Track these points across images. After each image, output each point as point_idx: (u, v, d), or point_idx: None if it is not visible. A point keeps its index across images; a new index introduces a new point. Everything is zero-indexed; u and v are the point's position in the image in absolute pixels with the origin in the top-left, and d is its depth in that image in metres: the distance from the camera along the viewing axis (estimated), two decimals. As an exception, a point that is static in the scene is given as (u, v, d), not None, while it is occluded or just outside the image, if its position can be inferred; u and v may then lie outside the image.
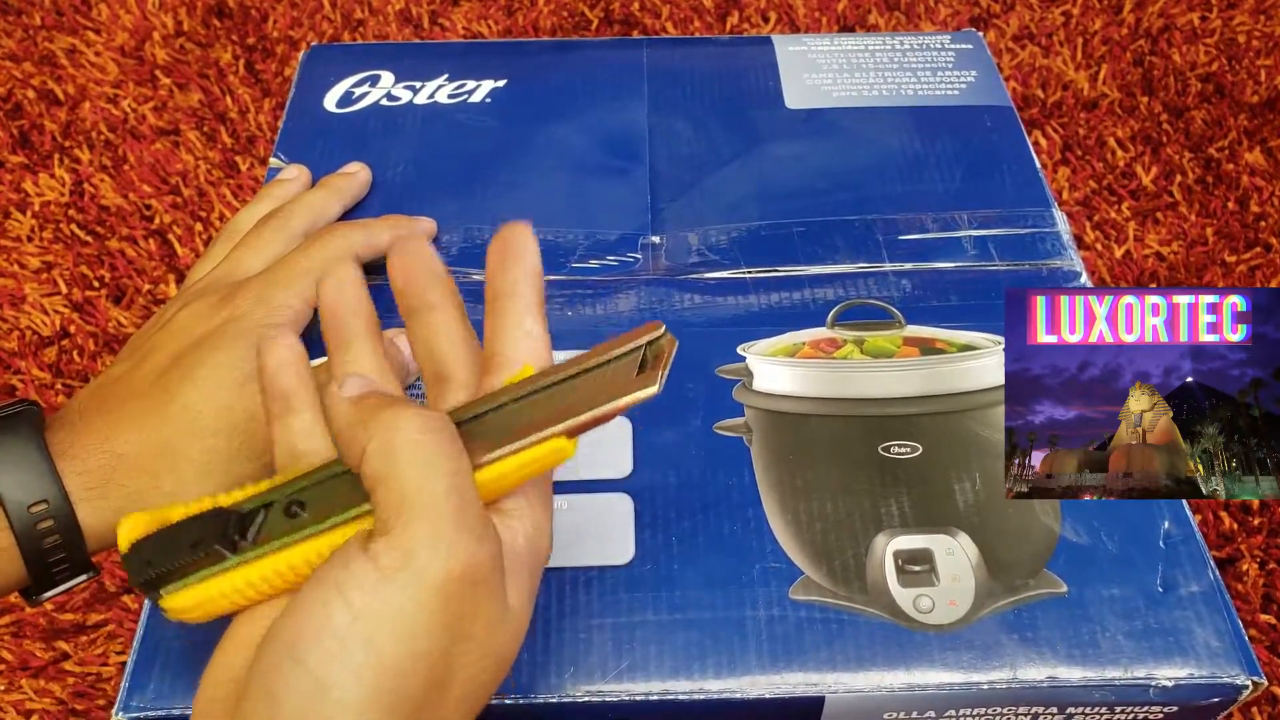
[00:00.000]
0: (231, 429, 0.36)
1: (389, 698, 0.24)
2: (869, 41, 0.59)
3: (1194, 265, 0.71)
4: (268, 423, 0.33)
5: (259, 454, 0.37)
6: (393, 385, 0.32)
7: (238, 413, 0.37)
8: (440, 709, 0.26)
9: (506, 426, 0.28)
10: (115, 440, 0.36)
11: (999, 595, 0.36)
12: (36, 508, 0.34)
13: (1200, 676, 0.34)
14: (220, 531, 0.29)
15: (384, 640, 0.24)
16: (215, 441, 0.36)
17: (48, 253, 0.74)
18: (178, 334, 0.39)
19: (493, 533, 0.27)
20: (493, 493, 0.29)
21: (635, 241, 0.48)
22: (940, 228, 0.48)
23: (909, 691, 0.34)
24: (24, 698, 0.56)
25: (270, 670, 0.25)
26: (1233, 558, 0.59)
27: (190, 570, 0.29)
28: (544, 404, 0.28)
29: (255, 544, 0.29)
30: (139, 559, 0.29)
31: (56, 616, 0.58)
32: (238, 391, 0.37)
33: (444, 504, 0.25)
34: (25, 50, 0.87)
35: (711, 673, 0.35)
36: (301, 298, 0.40)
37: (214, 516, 0.29)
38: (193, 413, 0.36)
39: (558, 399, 0.28)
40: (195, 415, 0.36)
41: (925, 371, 0.42)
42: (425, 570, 0.25)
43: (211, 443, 0.36)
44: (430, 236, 0.48)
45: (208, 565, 0.29)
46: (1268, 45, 0.85)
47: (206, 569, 0.29)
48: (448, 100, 0.55)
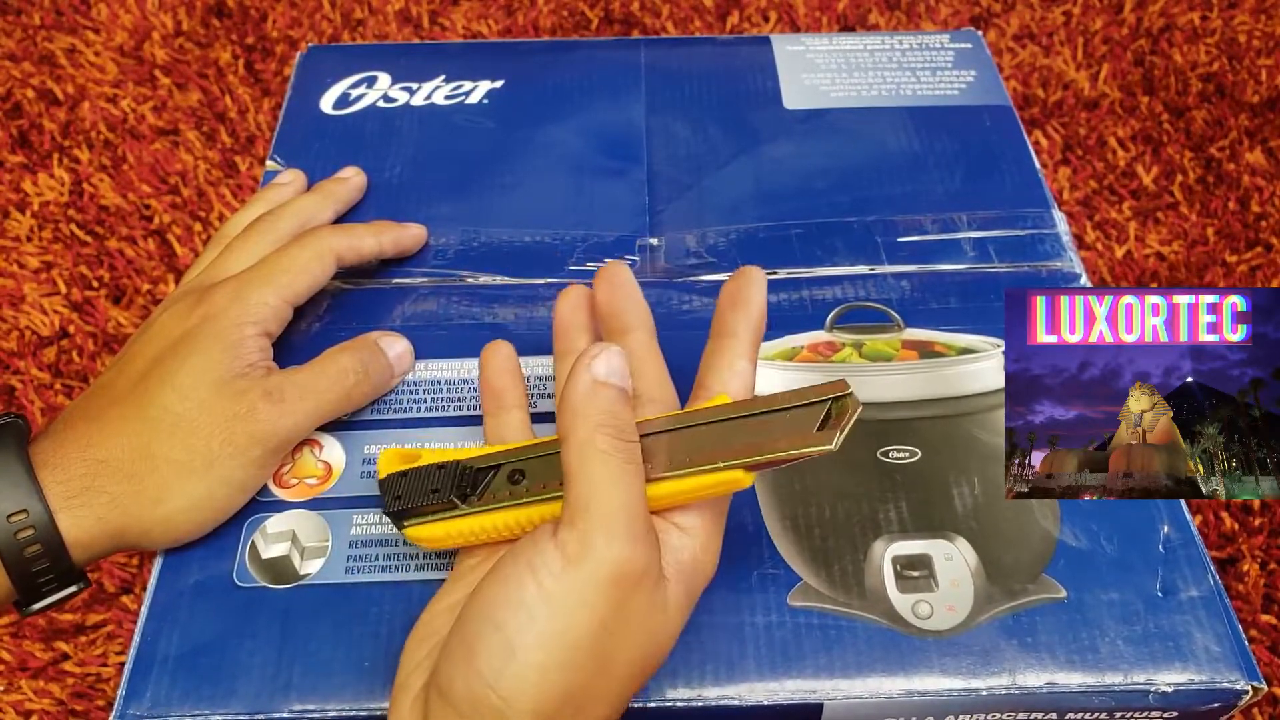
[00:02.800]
0: (211, 428, 0.36)
1: (565, 665, 0.29)
2: (868, 41, 0.59)
3: (1195, 265, 0.71)
4: (483, 416, 0.39)
5: (243, 450, 0.37)
6: (651, 379, 0.36)
7: (217, 411, 0.36)
8: (603, 683, 0.30)
9: (689, 447, 0.31)
10: (97, 447, 0.36)
11: (998, 600, 0.36)
12: (16, 517, 0.34)
13: (1200, 682, 0.34)
14: (455, 484, 0.34)
15: (563, 616, 0.29)
16: (196, 441, 0.36)
17: (47, 253, 0.73)
18: (156, 337, 0.39)
19: (654, 542, 0.31)
20: (667, 504, 0.32)
21: (633, 243, 0.48)
22: (940, 229, 0.48)
23: (908, 698, 0.34)
24: (23, 698, 0.56)
25: (469, 629, 0.30)
26: (1233, 558, 0.58)
27: (428, 512, 0.34)
28: (726, 434, 0.31)
29: (481, 500, 0.34)
30: (390, 493, 0.35)
31: (56, 617, 0.58)
32: (216, 390, 0.37)
33: (619, 513, 0.29)
34: (24, 50, 0.87)
35: (710, 679, 0.35)
36: (279, 296, 0.40)
37: (453, 469, 0.34)
38: (172, 415, 0.36)
39: (741, 433, 0.31)
40: (175, 417, 0.36)
41: (924, 375, 0.42)
42: (599, 564, 0.29)
43: (192, 443, 0.36)
44: (420, 243, 0.48)
45: (442, 511, 0.34)
46: (1268, 45, 0.85)
47: (442, 513, 0.34)
48: (445, 101, 0.55)
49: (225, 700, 0.34)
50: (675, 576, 0.31)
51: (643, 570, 0.30)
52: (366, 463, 0.40)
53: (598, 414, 0.30)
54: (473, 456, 0.35)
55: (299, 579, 0.37)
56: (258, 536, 0.38)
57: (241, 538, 0.38)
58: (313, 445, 0.40)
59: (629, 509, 0.30)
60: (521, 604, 0.29)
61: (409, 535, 0.35)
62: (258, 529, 0.38)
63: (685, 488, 0.31)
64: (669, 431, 0.32)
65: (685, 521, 0.32)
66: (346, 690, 0.34)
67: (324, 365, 0.40)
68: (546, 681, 0.28)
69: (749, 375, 0.34)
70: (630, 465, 0.30)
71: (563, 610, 0.29)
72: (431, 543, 0.35)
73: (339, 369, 0.40)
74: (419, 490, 0.35)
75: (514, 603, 0.29)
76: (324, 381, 0.39)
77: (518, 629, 0.29)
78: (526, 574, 0.29)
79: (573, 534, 0.29)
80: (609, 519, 0.29)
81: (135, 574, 0.59)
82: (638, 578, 0.30)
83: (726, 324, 0.35)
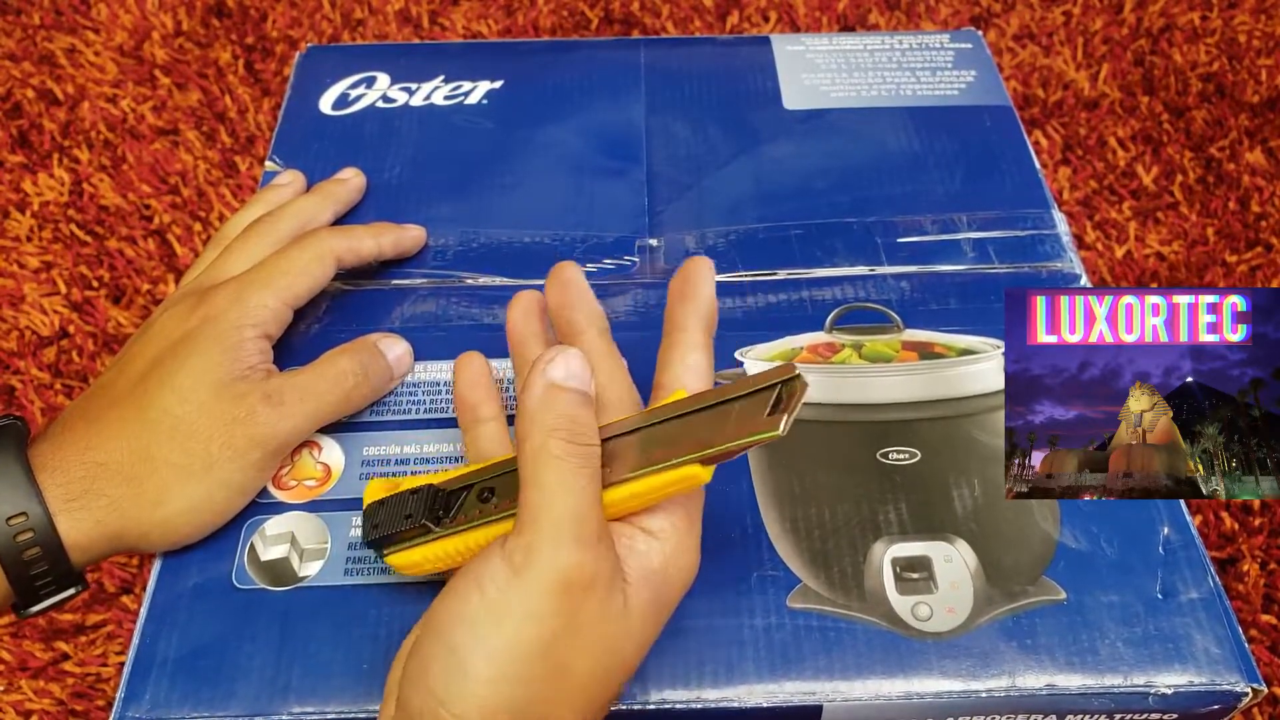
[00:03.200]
0: (211, 431, 0.36)
1: (516, 678, 0.28)
2: (867, 41, 0.59)
3: (1194, 265, 0.71)
4: (461, 430, 0.39)
5: (242, 453, 0.37)
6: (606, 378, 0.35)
7: (216, 414, 0.36)
8: (562, 694, 0.29)
9: (646, 447, 0.31)
10: (96, 450, 0.36)
11: (997, 602, 0.36)
12: (15, 520, 0.34)
13: (1200, 684, 0.34)
14: (428, 507, 0.34)
15: (510, 628, 0.28)
16: (195, 444, 0.36)
17: (47, 253, 0.73)
18: (156, 339, 0.39)
19: (608, 548, 0.30)
20: (629, 507, 0.32)
21: (632, 244, 0.48)
22: (939, 230, 0.48)
23: (907, 700, 0.34)
24: (23, 698, 0.56)
25: (424, 646, 0.29)
26: (1233, 558, 0.58)
27: (405, 538, 0.34)
28: (682, 430, 0.31)
29: (454, 521, 0.34)
30: (370, 522, 0.35)
31: (56, 617, 0.58)
32: (215, 393, 0.37)
33: (567, 519, 0.29)
34: (24, 50, 0.87)
35: (709, 681, 0.34)
36: (279, 298, 0.40)
37: (427, 494, 0.34)
38: (171, 417, 0.36)
39: (695, 427, 0.31)
40: (174, 420, 0.36)
41: (924, 376, 0.42)
42: (545, 572, 0.29)
43: (191, 446, 0.36)
44: (419, 244, 0.48)
45: (417, 536, 0.34)
46: (1268, 45, 0.85)
47: (418, 538, 0.34)
48: (444, 102, 0.55)
49: (224, 702, 0.34)
50: (640, 582, 0.31)
51: (592, 576, 0.29)
52: (366, 465, 0.40)
53: (553, 419, 0.30)
54: (447, 479, 0.35)
55: (298, 581, 0.37)
56: (257, 539, 0.38)
57: (240, 540, 0.38)
58: (312, 447, 0.40)
59: (578, 514, 0.29)
60: (468, 618, 0.29)
61: (390, 563, 0.35)
62: (257, 531, 0.38)
63: (643, 489, 0.31)
64: (627, 434, 0.32)
65: (652, 525, 0.32)
66: (345, 692, 0.34)
67: (323, 368, 0.39)
68: (498, 696, 0.28)
69: (704, 367, 0.34)
70: (585, 469, 0.30)
71: (510, 622, 0.28)
72: (412, 568, 0.35)
73: (338, 371, 0.39)
74: (395, 517, 0.34)
75: (462, 617, 0.29)
76: (323, 384, 0.39)
77: (466, 644, 0.28)
78: (474, 588, 0.29)
79: (519, 543, 0.29)
80: (556, 525, 0.29)
81: (135, 574, 0.59)
82: (587, 584, 0.29)
83: (676, 318, 0.35)
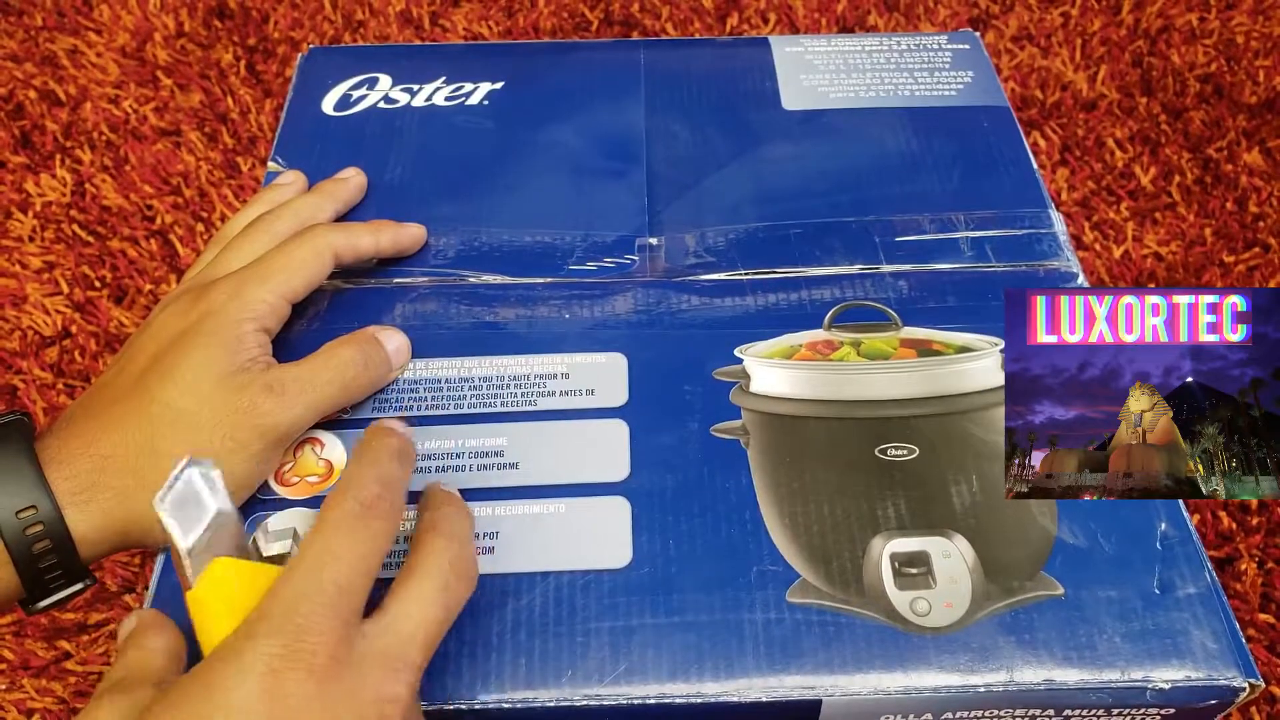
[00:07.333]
0: (214, 423, 0.36)
1: None
2: (866, 42, 0.59)
3: (1193, 265, 0.71)
4: None
5: (245, 445, 0.37)
6: None
7: (219, 406, 0.37)
8: None
9: None
10: (101, 443, 0.36)
11: (996, 597, 0.36)
12: (25, 513, 0.34)
13: (1197, 679, 0.34)
14: None
15: None
16: (198, 437, 0.36)
17: (49, 253, 0.74)
18: (156, 335, 0.39)
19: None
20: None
21: (632, 243, 0.48)
22: (937, 229, 0.48)
23: (905, 694, 0.34)
24: (25, 697, 0.56)
25: None
26: (1231, 557, 0.59)
27: None
28: None
29: None
30: None
31: (58, 616, 0.58)
32: (217, 385, 0.37)
33: None
34: (26, 51, 0.88)
35: (709, 676, 0.35)
36: (276, 293, 0.40)
37: None
38: (174, 410, 0.36)
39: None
40: (176, 413, 0.36)
41: (922, 373, 0.42)
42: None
43: (194, 438, 0.36)
44: (418, 243, 0.48)
45: None
46: (1266, 46, 0.85)
47: None
48: (445, 103, 0.55)
49: (227, 697, 0.34)
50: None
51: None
52: (367, 461, 0.40)
53: None
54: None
55: (300, 576, 0.37)
56: (259, 534, 0.38)
57: (243, 536, 0.38)
58: (314, 443, 0.40)
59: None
60: None
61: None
62: (259, 526, 0.38)
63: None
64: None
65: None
66: (348, 687, 0.34)
67: (324, 358, 0.40)
68: None
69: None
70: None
71: None
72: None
73: (339, 361, 0.40)
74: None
75: None
76: (324, 374, 0.39)
77: None
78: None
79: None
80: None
81: (137, 573, 0.60)
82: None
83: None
